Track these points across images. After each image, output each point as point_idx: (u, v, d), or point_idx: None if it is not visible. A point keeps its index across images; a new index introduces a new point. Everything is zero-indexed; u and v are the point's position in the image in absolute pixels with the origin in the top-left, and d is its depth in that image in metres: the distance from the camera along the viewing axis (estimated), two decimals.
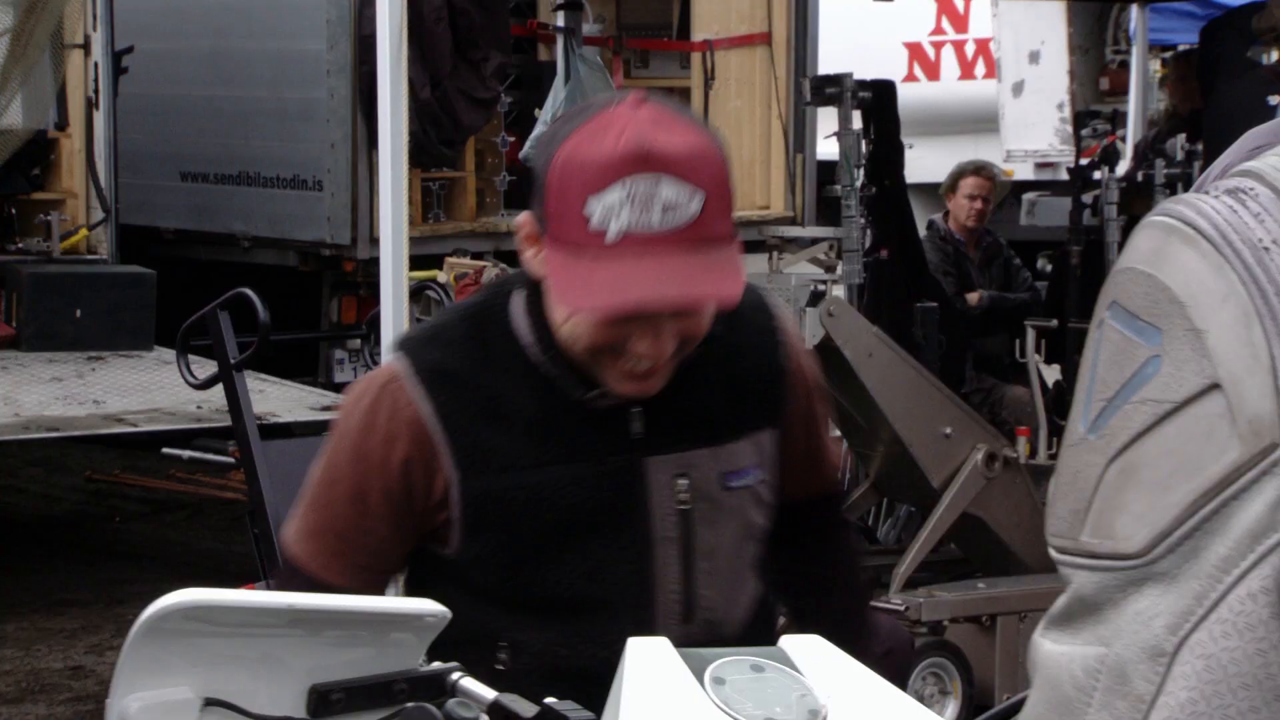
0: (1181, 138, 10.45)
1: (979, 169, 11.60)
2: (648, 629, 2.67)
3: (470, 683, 2.11)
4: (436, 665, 2.14)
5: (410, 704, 2.08)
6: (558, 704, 2.08)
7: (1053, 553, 1.32)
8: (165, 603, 1.97)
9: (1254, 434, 1.20)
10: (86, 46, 11.32)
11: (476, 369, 2.90)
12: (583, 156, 2.71)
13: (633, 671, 2.13)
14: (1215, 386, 1.22)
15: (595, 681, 2.21)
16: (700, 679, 2.08)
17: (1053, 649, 1.30)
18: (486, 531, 2.88)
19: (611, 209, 2.66)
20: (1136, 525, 1.24)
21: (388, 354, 5.93)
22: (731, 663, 2.14)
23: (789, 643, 2.24)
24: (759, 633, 2.46)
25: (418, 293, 8.38)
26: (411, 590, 3.01)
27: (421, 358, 2.94)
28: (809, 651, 2.21)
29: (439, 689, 2.08)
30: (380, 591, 2.99)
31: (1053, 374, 9.93)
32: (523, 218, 2.84)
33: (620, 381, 2.76)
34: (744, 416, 2.91)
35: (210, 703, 2.00)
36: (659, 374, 2.76)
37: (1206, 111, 11.25)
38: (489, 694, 2.09)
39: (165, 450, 9.21)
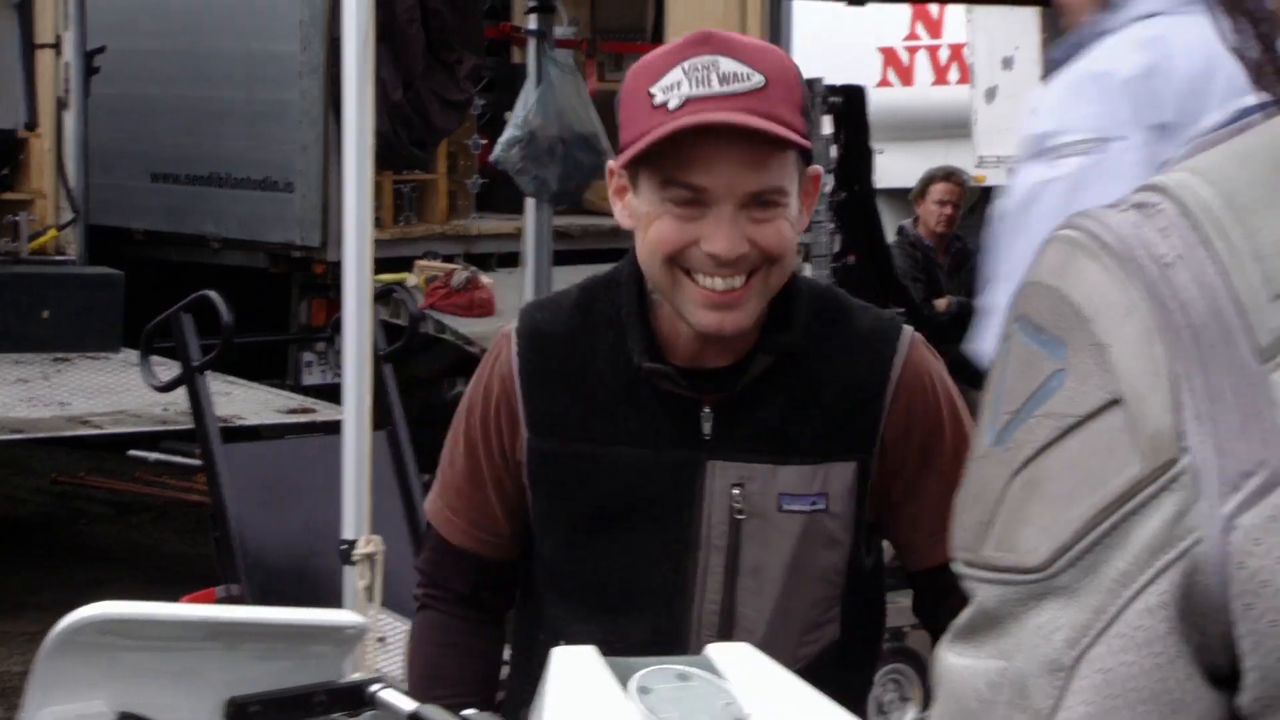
0: None
1: (949, 174, 11.72)
2: (682, 636, 2.73)
3: (390, 694, 2.11)
4: (356, 677, 2.16)
5: (330, 716, 2.08)
6: (477, 715, 2.12)
7: (957, 565, 1.33)
8: (78, 616, 1.98)
9: (1154, 449, 1.21)
10: (58, 46, 11.31)
11: (572, 335, 2.93)
12: (648, 59, 2.78)
13: (556, 679, 2.15)
14: (1117, 401, 1.23)
15: None
16: (625, 687, 2.09)
17: (956, 662, 1.31)
18: (544, 497, 2.91)
19: (673, 85, 2.69)
20: (1039, 539, 1.25)
21: (349, 357, 5.97)
22: (657, 671, 2.14)
23: (715, 650, 2.24)
24: (824, 681, 2.35)
25: (385, 295, 8.38)
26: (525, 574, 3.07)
27: (528, 317, 3.02)
28: (735, 659, 2.21)
29: (358, 701, 2.09)
30: (499, 556, 3.03)
31: None
32: (610, 165, 2.86)
33: (700, 310, 2.72)
34: (818, 442, 2.86)
35: (125, 717, 1.99)
36: (739, 307, 2.73)
37: None
38: (408, 706, 2.09)
39: (131, 452, 9.26)
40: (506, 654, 3.25)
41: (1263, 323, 1.21)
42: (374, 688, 2.11)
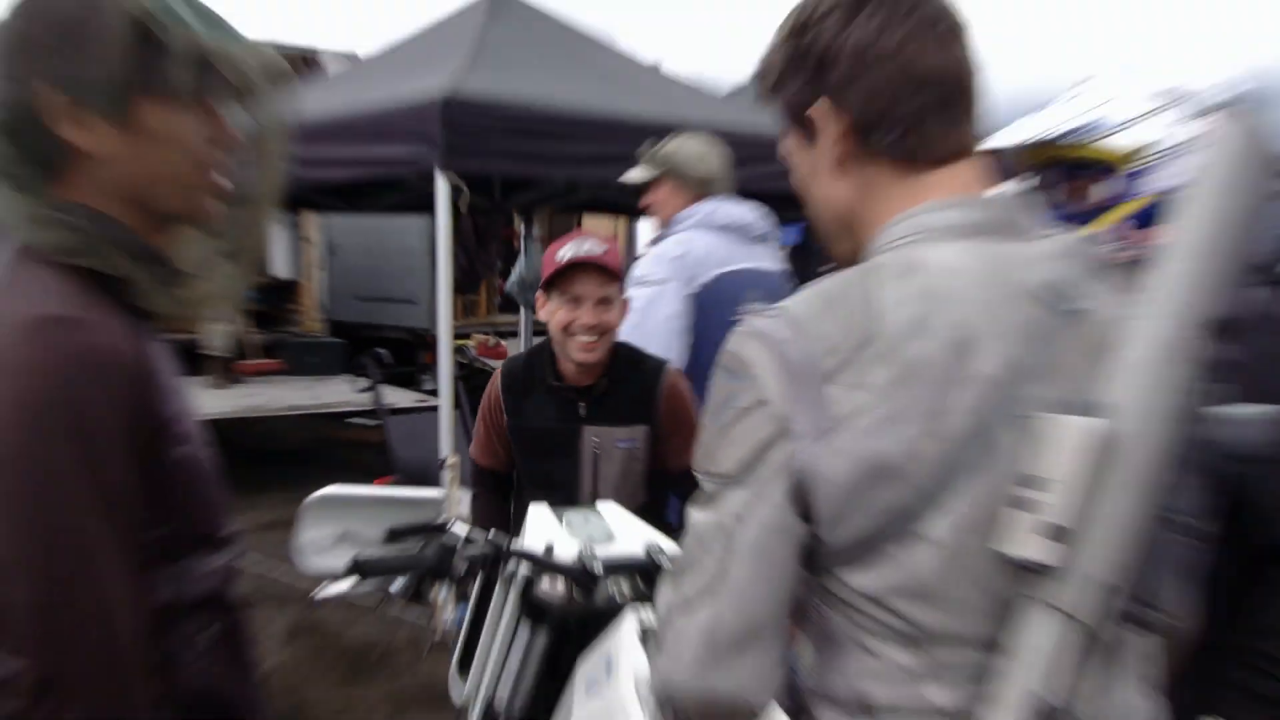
0: None
1: None
2: (577, 503, 2.67)
3: (458, 525, 2.03)
4: (444, 518, 2.07)
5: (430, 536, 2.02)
6: (499, 533, 2.04)
7: (696, 472, 1.29)
8: (323, 491, 1.99)
9: (778, 421, 1.21)
10: (311, 240, 11.24)
11: (526, 370, 2.84)
12: (555, 245, 2.74)
13: (529, 517, 2.13)
14: (763, 401, 1.22)
15: None
16: (559, 519, 2.09)
17: (694, 515, 1.27)
18: (517, 444, 2.83)
19: (565, 251, 2.66)
20: (729, 461, 1.24)
21: (442, 378, 5.93)
22: (574, 512, 2.14)
23: (602, 505, 2.23)
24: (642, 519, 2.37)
25: (459, 350, 8.35)
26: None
27: (505, 364, 2.94)
28: (612, 510, 2.21)
29: (444, 528, 2.03)
30: (503, 470, 2.90)
31: None
32: (539, 296, 2.81)
33: (579, 352, 2.68)
34: (630, 418, 2.78)
35: (344, 533, 1.97)
36: (596, 350, 2.68)
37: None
38: (465, 529, 2.03)
39: (346, 419, 9.17)
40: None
41: (819, 366, 1.20)
42: (451, 523, 2.06)
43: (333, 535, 1.93)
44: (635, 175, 3.82)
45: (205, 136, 1.26)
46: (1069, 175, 2.93)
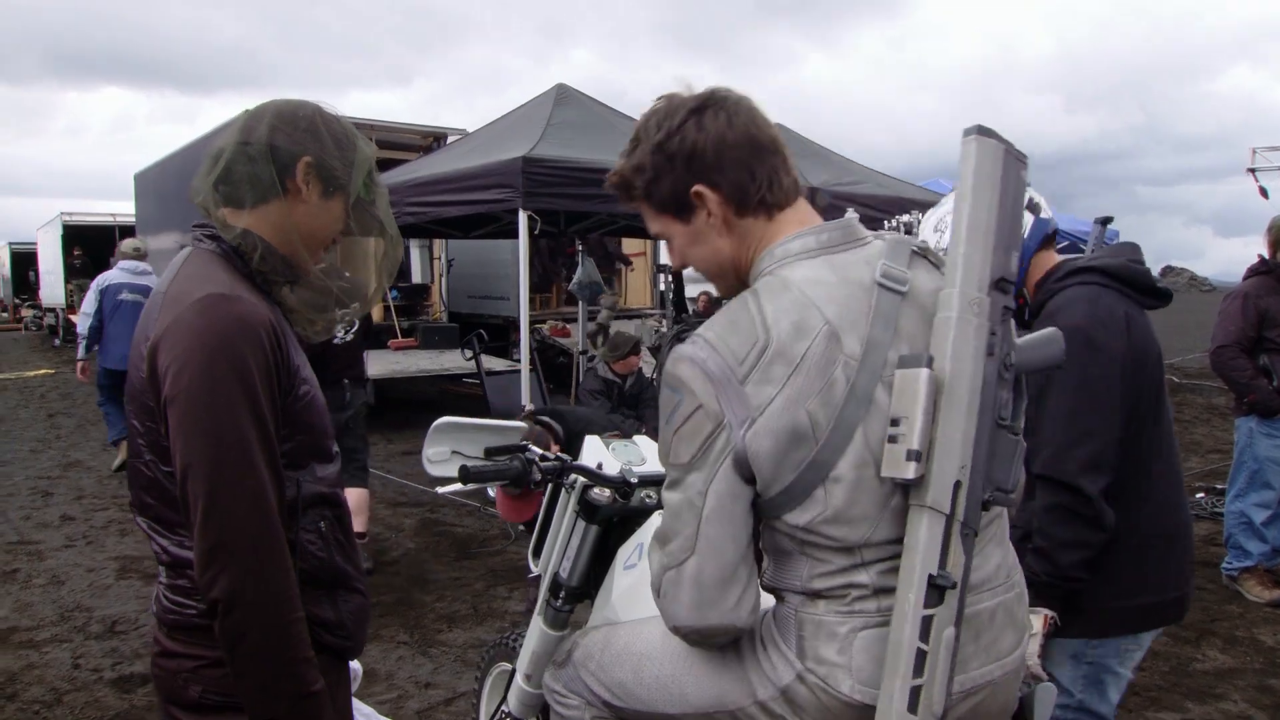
0: None
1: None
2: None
3: (532, 449, 1.93)
4: (523, 441, 1.95)
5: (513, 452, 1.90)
6: (559, 454, 1.94)
7: (663, 464, 1.23)
8: (440, 420, 1.89)
9: (714, 418, 1.16)
10: (438, 257, 11.15)
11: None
12: None
13: (586, 444, 2.01)
14: (700, 407, 1.16)
15: None
16: (607, 446, 2.01)
17: (668, 496, 1.21)
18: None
19: None
20: (685, 454, 1.18)
21: (524, 350, 5.94)
22: (617, 441, 2.03)
23: (638, 438, 2.11)
24: None
25: (536, 330, 8.26)
26: None
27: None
28: (645, 441, 2.07)
29: (524, 448, 1.90)
30: None
31: None
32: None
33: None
34: None
35: (455, 452, 1.90)
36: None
37: None
38: (539, 452, 1.92)
39: (461, 379, 9.12)
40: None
41: (734, 374, 1.15)
42: (528, 445, 1.93)
43: (447, 451, 1.85)
44: None
45: (339, 228, 1.36)
46: None
